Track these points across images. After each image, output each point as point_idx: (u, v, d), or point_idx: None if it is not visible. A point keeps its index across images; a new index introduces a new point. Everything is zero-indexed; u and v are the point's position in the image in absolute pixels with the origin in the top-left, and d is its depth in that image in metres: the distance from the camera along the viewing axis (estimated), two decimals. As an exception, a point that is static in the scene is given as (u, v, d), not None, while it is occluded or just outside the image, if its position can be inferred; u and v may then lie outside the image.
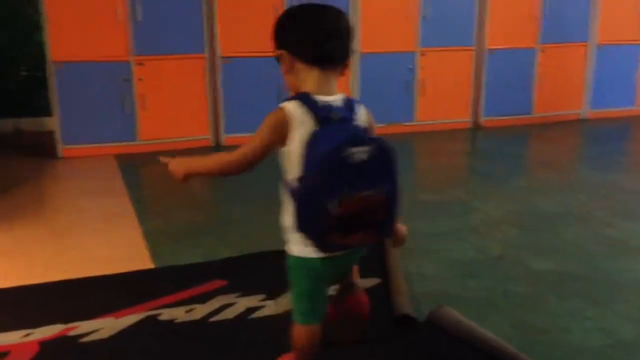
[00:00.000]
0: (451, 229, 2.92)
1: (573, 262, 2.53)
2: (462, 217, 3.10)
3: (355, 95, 4.91)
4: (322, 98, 1.40)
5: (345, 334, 1.83)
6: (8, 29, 4.86)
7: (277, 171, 1.49)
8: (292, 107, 1.38)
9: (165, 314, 2.08)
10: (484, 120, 5.34)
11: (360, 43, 4.82)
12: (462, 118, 5.29)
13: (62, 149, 4.27)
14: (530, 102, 5.46)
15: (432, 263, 2.52)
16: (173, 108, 4.46)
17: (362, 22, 4.79)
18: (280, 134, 1.38)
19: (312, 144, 1.34)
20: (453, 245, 2.71)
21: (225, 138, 4.55)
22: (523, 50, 5.31)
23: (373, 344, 1.92)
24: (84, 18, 4.14)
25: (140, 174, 4.09)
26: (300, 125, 1.36)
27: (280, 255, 2.43)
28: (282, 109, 1.39)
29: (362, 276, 2.35)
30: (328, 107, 1.39)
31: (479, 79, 5.26)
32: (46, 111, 4.51)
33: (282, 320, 2.04)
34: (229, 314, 2.09)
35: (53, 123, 4.27)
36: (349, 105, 1.44)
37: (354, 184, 1.34)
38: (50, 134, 4.36)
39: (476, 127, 5.32)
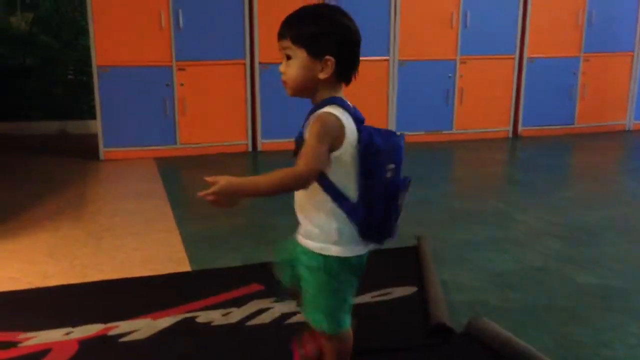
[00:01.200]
0: (489, 239, 2.87)
1: (616, 276, 2.46)
2: (501, 228, 3.05)
3: (393, 103, 4.90)
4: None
5: None
6: (57, 35, 5.00)
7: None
8: (340, 113, 1.39)
9: (202, 317, 2.10)
10: (523, 129, 5.25)
11: (399, 51, 4.81)
12: (501, 127, 5.22)
13: (103, 151, 4.37)
14: (572, 112, 5.35)
15: (469, 273, 2.48)
16: (212, 113, 4.52)
17: (402, 30, 4.77)
18: (336, 140, 1.38)
19: (373, 143, 1.39)
20: (491, 256, 2.66)
21: (262, 144, 4.59)
22: (566, 59, 5.22)
23: (408, 353, 1.90)
24: (129, 24, 4.24)
25: (179, 177, 4.15)
26: (349, 129, 1.39)
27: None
28: (334, 115, 1.38)
29: (398, 284, 2.35)
30: (355, 109, 1.45)
31: (519, 87, 5.18)
32: (90, 114, 4.62)
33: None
34: (265, 318, 2.10)
35: (96, 126, 4.37)
36: None
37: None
38: (93, 136, 4.46)
39: (515, 137, 5.23)
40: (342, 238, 1.43)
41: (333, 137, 1.36)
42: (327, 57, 1.39)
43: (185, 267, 2.55)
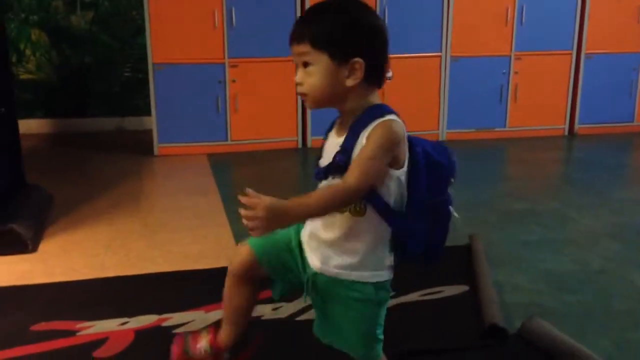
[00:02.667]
0: (545, 240, 2.79)
1: (681, 281, 2.35)
2: (557, 228, 2.96)
3: (445, 100, 4.83)
4: None
5: None
6: (115, 34, 5.14)
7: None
8: (401, 122, 1.24)
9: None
10: (579, 127, 5.09)
11: (452, 46, 4.73)
12: (556, 125, 5.08)
13: (158, 147, 4.46)
14: (632, 109, 5.15)
15: (524, 274, 2.42)
16: (263, 109, 4.56)
17: (455, 25, 4.70)
18: (401, 155, 1.24)
19: (434, 158, 1.31)
20: (548, 257, 2.59)
21: (312, 140, 4.61)
22: (625, 55, 5.02)
23: (460, 353, 1.86)
24: (184, 23, 4.31)
25: (231, 173, 4.21)
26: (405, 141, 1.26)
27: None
28: (398, 123, 1.23)
29: (449, 283, 2.31)
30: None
31: (576, 84, 5.03)
32: (146, 111, 4.73)
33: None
34: (314, 314, 2.10)
35: (151, 122, 4.47)
36: None
37: None
38: (148, 132, 4.56)
39: (571, 135, 5.08)
40: (390, 260, 1.32)
41: (393, 150, 1.21)
42: (355, 59, 1.21)
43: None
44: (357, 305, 1.32)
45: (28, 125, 4.87)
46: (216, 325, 1.65)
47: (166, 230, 2.98)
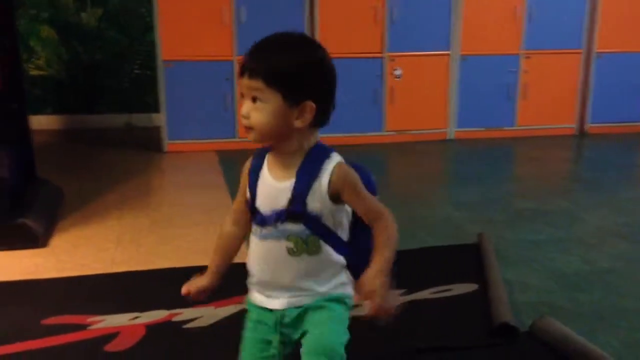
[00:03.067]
0: (554, 239, 2.79)
1: (692, 281, 2.35)
2: (566, 227, 2.96)
3: (454, 99, 4.82)
4: None
5: None
6: (124, 30, 5.16)
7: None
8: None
9: (263, 307, 2.12)
10: (590, 126, 5.07)
11: (461, 45, 4.72)
12: (566, 124, 5.06)
13: (167, 143, 4.48)
14: (643, 109, 5.13)
15: (533, 273, 2.42)
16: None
17: (463, 23, 4.69)
18: None
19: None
20: (557, 256, 2.58)
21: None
22: (637, 55, 5.00)
23: (470, 352, 1.86)
24: (193, 20, 4.33)
25: (239, 169, 4.20)
26: None
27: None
28: (346, 165, 1.24)
29: (459, 281, 2.31)
30: None
31: (587, 83, 5.00)
32: (155, 108, 4.74)
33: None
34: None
35: (160, 119, 4.48)
36: None
37: None
38: (157, 129, 4.58)
39: (581, 134, 5.06)
40: (347, 277, 1.30)
41: None
42: (307, 102, 1.17)
43: (245, 258, 2.58)
44: (332, 308, 1.27)
45: (38, 121, 4.89)
46: None
47: (175, 225, 2.99)
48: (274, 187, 1.24)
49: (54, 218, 2.96)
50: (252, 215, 1.29)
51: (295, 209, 1.21)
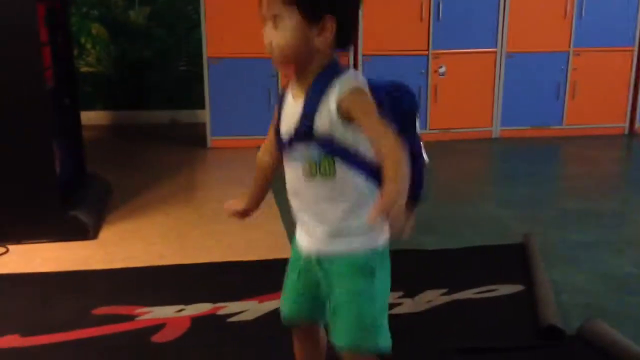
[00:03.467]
0: (604, 240, 2.72)
1: None
2: (617, 229, 2.88)
3: (500, 96, 4.74)
4: None
5: None
6: (171, 28, 5.25)
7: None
8: (356, 74, 1.20)
9: (306, 302, 2.14)
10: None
11: (508, 42, 4.64)
12: (615, 123, 4.92)
13: (211, 139, 4.54)
14: (700, 108, 4.95)
15: (582, 274, 2.36)
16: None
17: (511, 20, 4.60)
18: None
19: (392, 96, 1.24)
20: (607, 257, 2.52)
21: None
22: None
23: (515, 353, 1.84)
24: (239, 17, 4.36)
25: (280, 166, 4.23)
26: None
27: (416, 254, 2.39)
28: (358, 78, 1.17)
29: (504, 282, 2.28)
30: None
31: (638, 82, 4.85)
32: (200, 104, 4.81)
33: (420, 318, 2.03)
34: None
35: (205, 115, 4.55)
36: None
37: None
38: (202, 125, 4.65)
39: (631, 134, 4.91)
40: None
41: None
42: (326, 17, 1.12)
43: (288, 254, 2.59)
44: (350, 281, 1.21)
45: (87, 117, 5.00)
46: None
47: (220, 220, 3.02)
48: (290, 106, 1.21)
49: (102, 211, 3.04)
50: (278, 140, 1.26)
51: (304, 128, 1.16)
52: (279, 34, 1.14)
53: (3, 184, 2.63)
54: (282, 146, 1.24)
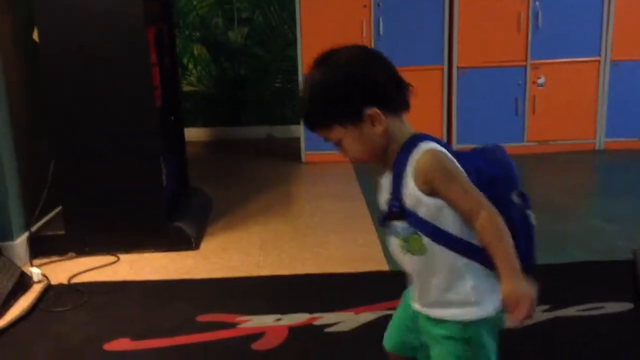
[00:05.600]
0: None
1: None
2: None
3: (603, 107, 4.52)
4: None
5: None
6: (267, 47, 5.43)
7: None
8: (438, 146, 1.18)
9: (402, 316, 2.13)
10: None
11: (612, 50, 4.43)
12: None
13: (305, 154, 4.63)
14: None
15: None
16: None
17: (615, 26, 4.39)
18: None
19: (482, 177, 1.18)
20: None
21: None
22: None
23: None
24: (334, 36, 4.43)
25: (375, 180, 4.24)
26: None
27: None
28: (434, 149, 1.15)
29: (611, 299, 2.16)
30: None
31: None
32: (294, 120, 4.93)
33: (520, 334, 1.97)
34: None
35: (299, 130, 4.65)
36: None
37: None
38: (296, 140, 4.76)
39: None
40: (480, 295, 1.17)
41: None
42: (364, 110, 1.15)
43: (383, 266, 2.61)
44: (445, 343, 1.22)
45: (189, 133, 5.22)
46: None
47: (315, 233, 3.08)
48: (386, 181, 1.23)
49: (204, 223, 3.18)
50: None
51: (392, 209, 1.18)
52: (348, 150, 1.20)
53: (114, 196, 2.81)
54: (382, 224, 1.25)
